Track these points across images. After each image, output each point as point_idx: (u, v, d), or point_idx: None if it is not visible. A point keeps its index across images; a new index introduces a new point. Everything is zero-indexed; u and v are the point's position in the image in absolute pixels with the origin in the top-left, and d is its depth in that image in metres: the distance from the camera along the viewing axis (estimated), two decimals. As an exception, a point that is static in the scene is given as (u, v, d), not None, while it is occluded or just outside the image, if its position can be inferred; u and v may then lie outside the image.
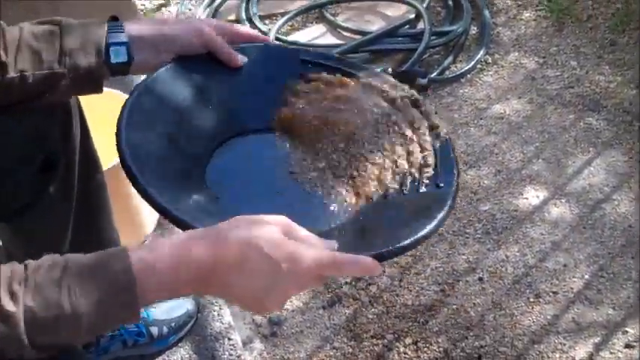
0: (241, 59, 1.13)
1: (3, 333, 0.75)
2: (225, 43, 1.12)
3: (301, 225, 0.86)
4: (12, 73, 1.01)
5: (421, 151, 1.06)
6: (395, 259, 1.78)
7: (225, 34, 1.13)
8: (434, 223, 0.93)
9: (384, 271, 1.76)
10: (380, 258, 0.86)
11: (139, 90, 1.06)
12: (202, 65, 1.12)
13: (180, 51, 1.10)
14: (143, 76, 1.10)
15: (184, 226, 0.88)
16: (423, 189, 1.01)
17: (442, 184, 1.00)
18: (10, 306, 0.75)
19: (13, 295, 0.75)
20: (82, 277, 0.77)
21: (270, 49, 1.19)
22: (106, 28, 1.05)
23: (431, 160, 1.04)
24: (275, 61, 1.17)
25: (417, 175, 1.03)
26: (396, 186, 1.02)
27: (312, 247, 0.83)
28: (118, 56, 1.05)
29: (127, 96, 1.05)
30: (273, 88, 1.14)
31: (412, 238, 0.90)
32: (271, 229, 0.82)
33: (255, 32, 1.18)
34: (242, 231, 0.81)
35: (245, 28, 1.18)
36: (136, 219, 1.74)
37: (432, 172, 1.02)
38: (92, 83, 1.06)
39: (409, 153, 1.06)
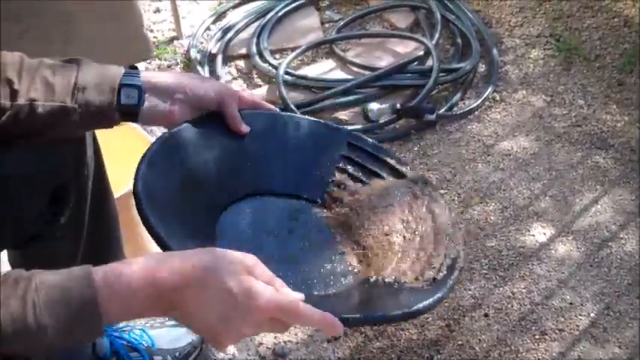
0: (245, 128, 1.15)
1: None
2: (235, 109, 1.14)
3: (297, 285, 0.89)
4: (22, 101, 1.01)
5: (433, 247, 1.07)
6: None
7: (235, 98, 1.15)
8: (407, 310, 0.93)
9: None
10: (345, 322, 0.86)
11: (164, 137, 1.08)
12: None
13: (194, 103, 1.11)
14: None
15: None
16: (421, 284, 1.01)
17: (439, 280, 1.01)
18: None
19: None
20: (46, 293, 0.78)
21: (319, 127, 1.23)
22: (122, 71, 1.06)
23: (439, 261, 1.05)
24: (320, 139, 1.21)
25: (418, 269, 1.04)
26: (395, 274, 1.04)
27: (273, 289, 0.84)
28: (128, 98, 1.05)
29: (137, 125, 1.07)
30: (312, 163, 1.19)
31: (379, 314, 0.92)
32: (237, 264, 0.84)
33: (259, 99, 1.20)
34: (208, 260, 0.83)
35: (249, 94, 1.21)
36: (146, 247, 1.75)
37: (434, 272, 1.03)
38: (102, 121, 1.07)
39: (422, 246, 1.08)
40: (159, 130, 2.02)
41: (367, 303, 0.99)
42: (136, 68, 1.10)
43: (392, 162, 1.21)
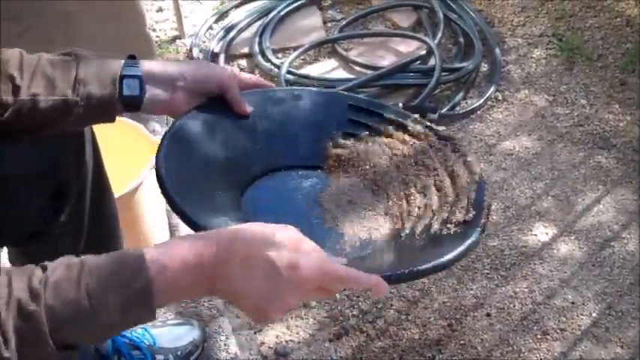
0: (249, 108, 1.16)
1: (27, 331, 0.76)
2: (238, 90, 1.15)
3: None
4: (24, 96, 1.01)
5: (455, 194, 1.08)
6: (403, 293, 1.78)
7: (235, 81, 1.15)
8: (448, 256, 0.95)
9: (392, 305, 1.76)
10: (388, 280, 0.88)
11: (172, 130, 1.10)
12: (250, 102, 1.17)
13: (195, 89, 1.11)
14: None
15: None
16: (449, 229, 1.03)
17: (469, 222, 1.02)
18: (32, 305, 0.76)
19: (34, 294, 0.77)
20: (99, 277, 0.79)
21: (320, 95, 1.24)
22: (122, 62, 1.07)
23: (463, 203, 1.06)
24: (323, 106, 1.22)
25: (445, 215, 1.05)
26: (424, 223, 1.05)
27: (316, 258, 0.85)
28: (130, 89, 1.05)
29: (136, 124, 1.07)
30: (319, 131, 1.20)
31: (421, 267, 0.92)
32: (276, 235, 0.84)
33: (258, 78, 1.21)
34: (247, 236, 0.84)
35: (250, 75, 1.21)
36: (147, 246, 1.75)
37: (462, 214, 1.04)
38: (105, 114, 1.07)
39: (443, 193, 1.09)
40: (157, 125, 2.02)
41: (404, 258, 1.00)
42: (135, 57, 1.10)
43: (394, 117, 1.22)
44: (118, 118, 1.18)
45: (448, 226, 1.03)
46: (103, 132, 1.30)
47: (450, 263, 0.95)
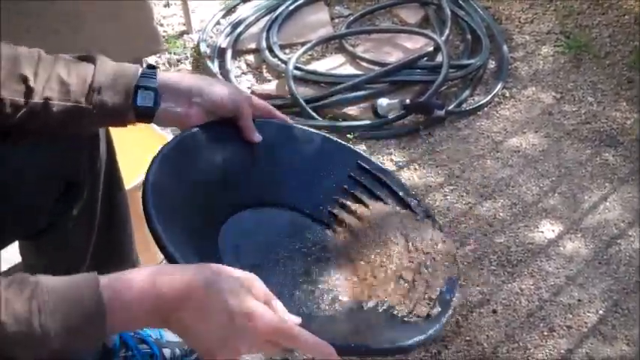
0: (258, 138, 1.14)
1: None
2: (250, 117, 1.13)
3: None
4: (37, 99, 1.01)
5: (427, 288, 1.06)
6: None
7: (250, 106, 1.14)
8: (401, 343, 0.93)
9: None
10: (338, 350, 0.87)
11: (179, 138, 1.08)
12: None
13: (209, 108, 1.10)
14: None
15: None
16: (410, 318, 1.01)
17: (433, 317, 1.01)
18: None
19: None
20: (52, 299, 0.78)
21: (329, 143, 1.22)
22: (139, 72, 1.06)
23: (433, 295, 1.04)
24: (329, 156, 1.20)
25: (411, 305, 1.03)
26: (389, 304, 1.03)
27: (271, 312, 0.84)
28: (144, 100, 1.05)
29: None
30: (319, 177, 1.18)
31: (371, 346, 0.91)
32: (237, 282, 0.84)
33: (272, 108, 1.18)
34: (209, 276, 0.83)
35: (263, 102, 1.19)
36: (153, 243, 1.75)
37: (427, 308, 1.02)
38: (117, 121, 1.07)
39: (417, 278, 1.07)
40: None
41: (360, 331, 0.98)
42: (154, 67, 1.09)
43: (396, 189, 1.20)
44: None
45: (410, 315, 1.01)
46: (118, 129, 1.30)
47: (400, 350, 0.94)
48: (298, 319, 0.87)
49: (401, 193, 1.19)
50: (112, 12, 2.13)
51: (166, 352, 1.51)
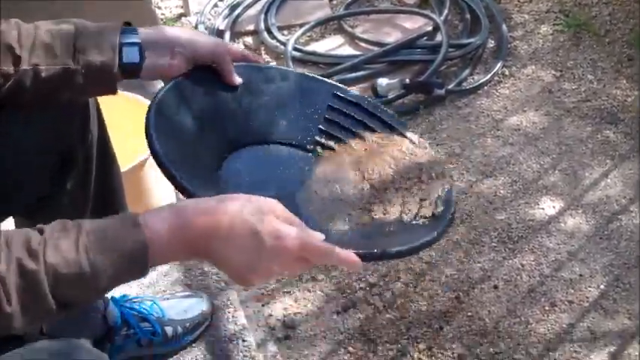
0: (238, 80, 1.17)
1: (28, 289, 0.78)
2: (230, 62, 1.16)
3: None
4: (25, 67, 1.02)
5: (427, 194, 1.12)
6: (410, 265, 1.79)
7: (228, 52, 1.17)
8: (419, 242, 0.99)
9: (399, 278, 1.77)
10: (362, 258, 0.91)
11: (169, 86, 1.11)
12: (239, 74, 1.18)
13: (193, 56, 1.12)
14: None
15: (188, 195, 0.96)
16: (421, 220, 1.07)
17: (438, 215, 1.07)
18: (31, 264, 0.78)
19: (32, 255, 0.79)
20: (96, 240, 0.81)
21: (305, 79, 1.27)
22: (120, 30, 1.07)
23: (432, 198, 1.11)
24: (308, 90, 1.25)
25: (417, 209, 1.09)
26: (395, 215, 1.09)
27: (297, 229, 0.87)
28: (129, 56, 1.06)
29: (144, 100, 1.08)
30: (306, 114, 1.23)
31: (394, 250, 0.97)
32: (260, 206, 0.87)
33: (247, 52, 1.22)
34: (235, 206, 0.86)
35: (238, 48, 1.22)
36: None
37: (431, 208, 1.09)
38: (106, 82, 1.08)
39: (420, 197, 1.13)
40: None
41: (377, 240, 1.03)
42: (131, 25, 1.11)
43: (375, 112, 1.24)
44: (125, 93, 1.19)
45: (417, 218, 1.07)
46: (109, 108, 1.30)
47: (420, 248, 1.00)
48: (322, 235, 0.90)
49: (382, 116, 1.24)
50: (112, 12, 2.13)
51: (168, 329, 1.51)
